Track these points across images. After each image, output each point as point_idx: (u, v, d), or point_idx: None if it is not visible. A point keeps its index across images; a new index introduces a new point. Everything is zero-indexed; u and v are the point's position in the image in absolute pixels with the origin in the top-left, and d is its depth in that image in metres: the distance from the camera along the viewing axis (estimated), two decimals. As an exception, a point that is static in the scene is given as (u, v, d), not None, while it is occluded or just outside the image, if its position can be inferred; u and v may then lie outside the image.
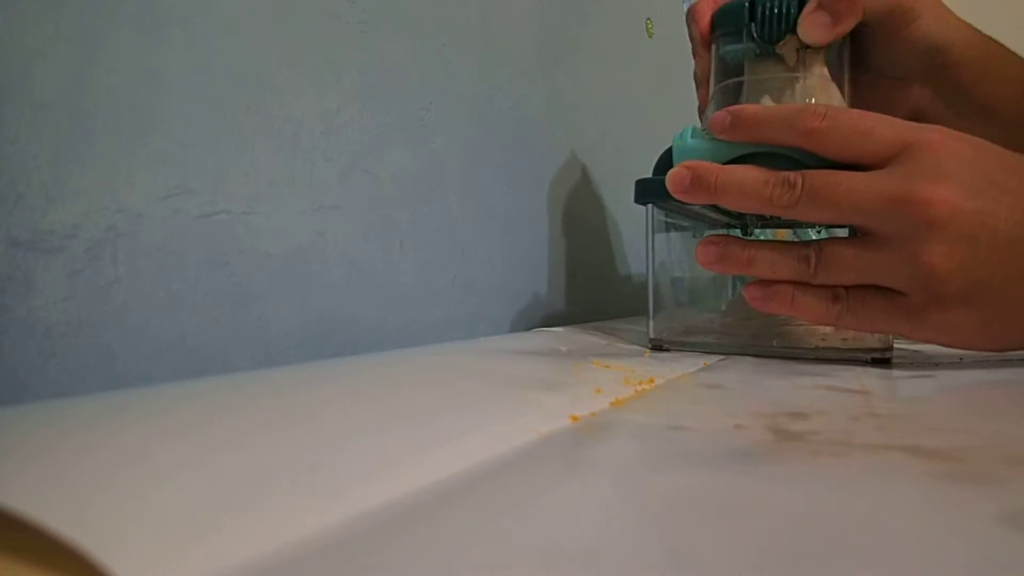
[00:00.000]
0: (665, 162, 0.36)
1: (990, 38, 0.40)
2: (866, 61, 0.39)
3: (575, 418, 0.21)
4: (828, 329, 0.41)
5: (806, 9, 0.35)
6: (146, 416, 0.17)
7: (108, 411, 0.17)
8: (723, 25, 0.37)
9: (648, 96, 0.71)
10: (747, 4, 0.36)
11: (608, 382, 0.27)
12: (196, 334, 0.27)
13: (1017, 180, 0.29)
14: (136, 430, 0.16)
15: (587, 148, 0.58)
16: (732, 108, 0.33)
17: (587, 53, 0.58)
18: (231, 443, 0.15)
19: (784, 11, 0.35)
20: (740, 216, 0.41)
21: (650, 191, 0.37)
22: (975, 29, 0.40)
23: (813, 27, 0.35)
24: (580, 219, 0.57)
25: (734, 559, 0.11)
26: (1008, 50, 0.41)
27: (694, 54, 0.41)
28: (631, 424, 0.21)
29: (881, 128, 0.30)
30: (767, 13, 0.35)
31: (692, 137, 0.35)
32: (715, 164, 0.32)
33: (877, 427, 0.20)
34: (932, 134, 0.30)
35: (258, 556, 0.11)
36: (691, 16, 0.40)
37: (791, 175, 0.30)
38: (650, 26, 0.71)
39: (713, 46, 0.39)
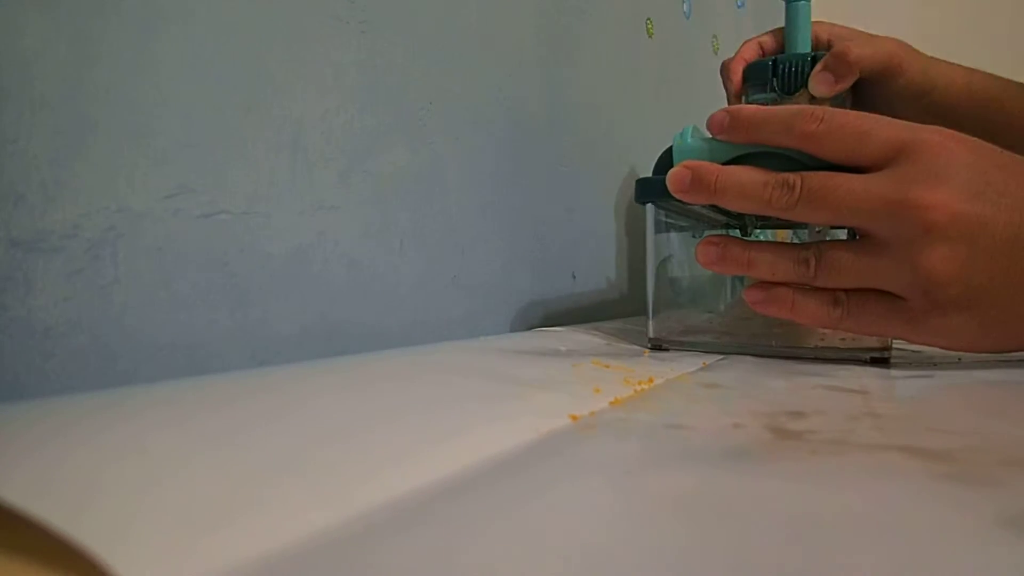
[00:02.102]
0: (665, 162, 0.36)
1: (979, 73, 0.49)
2: (865, 107, 0.48)
3: (575, 417, 0.21)
4: (827, 329, 0.41)
5: (814, 70, 0.44)
6: (145, 410, 0.17)
7: (106, 407, 0.17)
8: (751, 78, 0.47)
9: (648, 96, 0.71)
10: (771, 63, 0.45)
11: (607, 382, 0.27)
12: (196, 334, 0.27)
13: (1016, 182, 0.29)
14: (134, 424, 0.16)
15: (587, 148, 0.58)
16: (730, 108, 0.33)
17: (587, 53, 0.58)
18: (231, 439, 0.15)
19: (799, 69, 0.45)
20: (739, 216, 0.41)
21: (650, 190, 0.37)
22: (962, 69, 0.49)
23: (820, 84, 0.44)
24: (580, 219, 0.57)
25: (733, 558, 0.11)
26: (996, 80, 0.49)
27: (728, 103, 0.50)
28: (630, 423, 0.21)
29: (878, 129, 0.30)
30: (785, 70, 0.45)
31: (692, 137, 0.35)
32: (715, 164, 0.32)
33: (876, 427, 0.20)
34: (929, 135, 0.29)
35: (261, 553, 0.11)
36: (725, 73, 0.50)
37: (790, 177, 0.30)
38: (650, 26, 0.71)
39: (743, 96, 0.48)
